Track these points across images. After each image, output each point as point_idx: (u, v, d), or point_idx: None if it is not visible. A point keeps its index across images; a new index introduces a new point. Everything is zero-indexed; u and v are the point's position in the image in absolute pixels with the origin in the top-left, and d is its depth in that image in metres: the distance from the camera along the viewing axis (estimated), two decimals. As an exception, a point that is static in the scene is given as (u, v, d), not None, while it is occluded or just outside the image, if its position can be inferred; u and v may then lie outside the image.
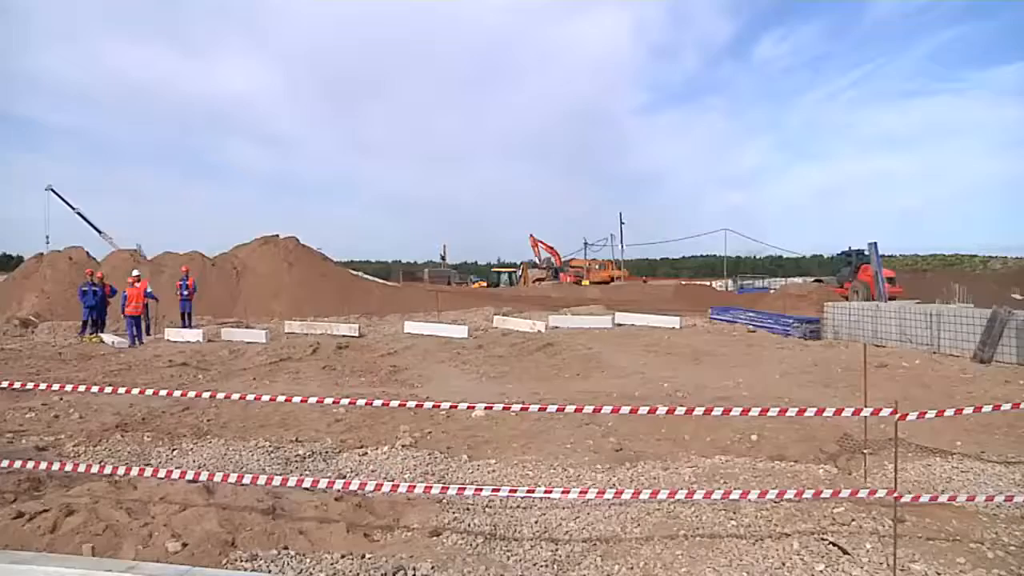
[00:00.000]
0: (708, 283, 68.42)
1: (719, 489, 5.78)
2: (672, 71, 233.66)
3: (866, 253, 30.68)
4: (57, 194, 60.92)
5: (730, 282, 74.05)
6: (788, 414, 5.39)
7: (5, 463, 6.43)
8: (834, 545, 5.17)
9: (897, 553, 4.88)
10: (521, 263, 78.75)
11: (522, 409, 6.08)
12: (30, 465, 6.48)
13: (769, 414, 5.36)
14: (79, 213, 61.05)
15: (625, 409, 5.65)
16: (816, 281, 35.11)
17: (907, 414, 5.20)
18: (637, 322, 22.77)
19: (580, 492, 5.46)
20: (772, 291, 54.51)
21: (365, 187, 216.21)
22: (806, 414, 5.32)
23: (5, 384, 8.95)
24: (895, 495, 5.01)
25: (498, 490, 5.80)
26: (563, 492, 5.52)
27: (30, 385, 7.85)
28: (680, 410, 5.52)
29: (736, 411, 5.39)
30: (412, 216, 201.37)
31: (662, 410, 5.53)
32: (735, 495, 5.33)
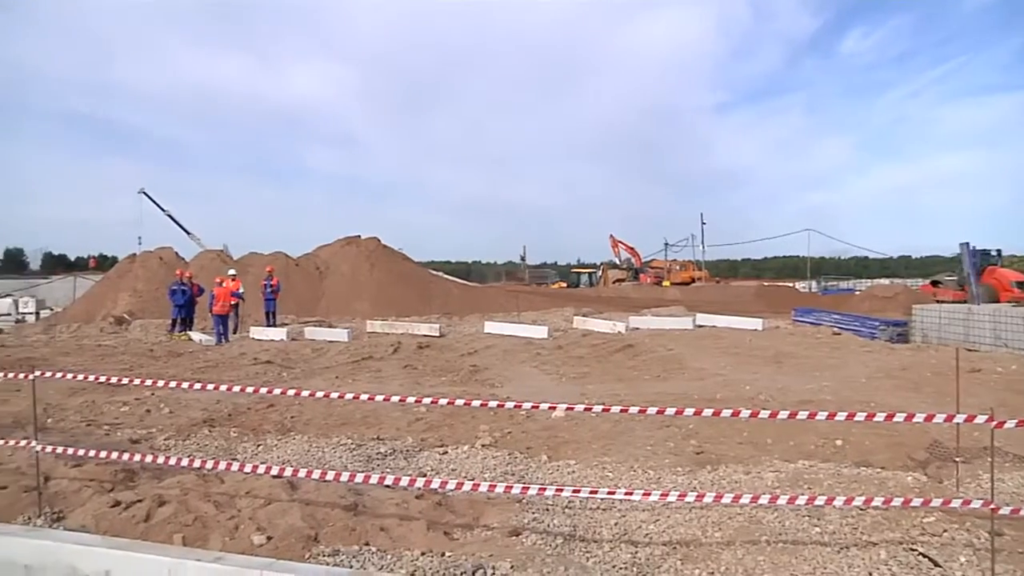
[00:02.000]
0: (791, 284, 66.96)
1: (803, 495, 5.66)
2: (752, 68, 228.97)
3: (992, 254, 29.15)
4: (149, 197, 62.94)
5: (813, 283, 72.48)
6: (875, 419, 5.23)
7: (103, 454, 6.67)
8: (925, 557, 4.99)
9: (996, 569, 4.69)
10: (601, 264, 78.38)
11: (603, 410, 6.03)
12: (125, 457, 6.70)
13: (856, 419, 5.22)
14: (169, 215, 62.98)
15: (707, 411, 5.57)
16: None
17: (1004, 422, 4.99)
18: (718, 323, 22.44)
19: (661, 495, 5.38)
20: (857, 292, 53.22)
21: (442, 188, 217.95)
22: (895, 420, 5.16)
23: (103, 379, 9.31)
24: (992, 506, 4.82)
25: (578, 491, 5.78)
26: (644, 494, 5.45)
27: (124, 380, 8.14)
28: (763, 413, 5.41)
29: (821, 415, 5.25)
30: (490, 217, 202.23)
31: (745, 413, 5.44)
32: (819, 501, 5.20)
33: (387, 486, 6.13)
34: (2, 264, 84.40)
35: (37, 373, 6.77)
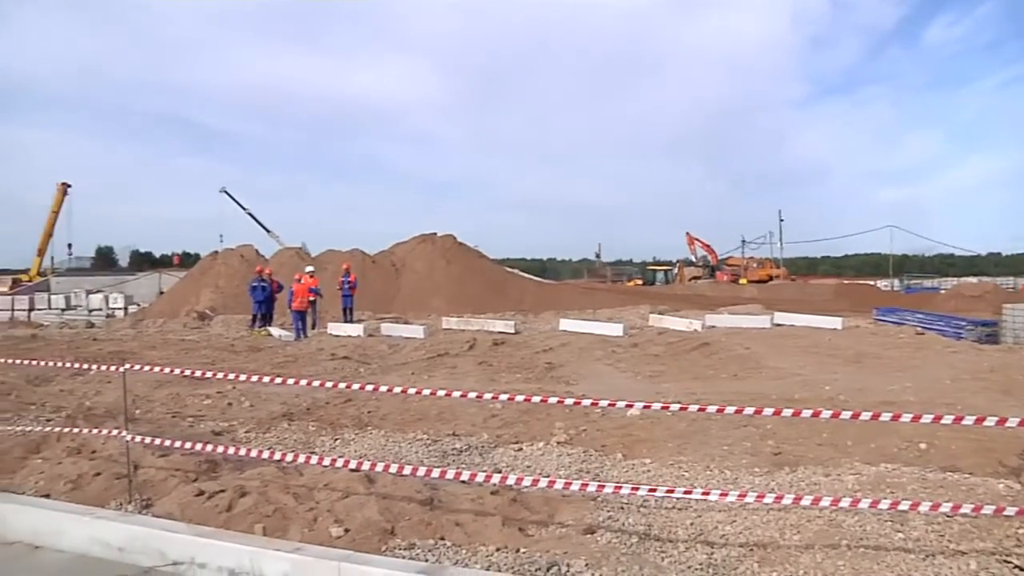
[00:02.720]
0: (872, 282, 65.30)
1: (886, 499, 5.51)
2: (832, 61, 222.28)
3: None
4: (230, 196, 64.61)
5: (896, 281, 70.50)
6: (964, 422, 5.06)
7: (188, 445, 6.87)
8: (1020, 570, 4.80)
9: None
10: (677, 261, 77.71)
11: (680, 409, 5.99)
12: (208, 448, 6.89)
13: (942, 422, 5.06)
14: (249, 213, 64.53)
15: (787, 412, 5.48)
16: None
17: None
18: (796, 322, 21.96)
19: (738, 495, 5.31)
20: (942, 291, 51.65)
21: (517, 186, 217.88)
22: (985, 423, 4.98)
23: (187, 373, 9.56)
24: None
25: (654, 490, 5.73)
26: (721, 495, 5.39)
27: (208, 374, 8.35)
28: (844, 414, 5.29)
29: (905, 417, 5.11)
30: (565, 214, 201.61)
31: (825, 414, 5.32)
32: (904, 506, 5.06)
33: (463, 482, 6.17)
34: (93, 262, 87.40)
35: (127, 366, 7.02)
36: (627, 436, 8.60)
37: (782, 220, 78.71)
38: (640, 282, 70.65)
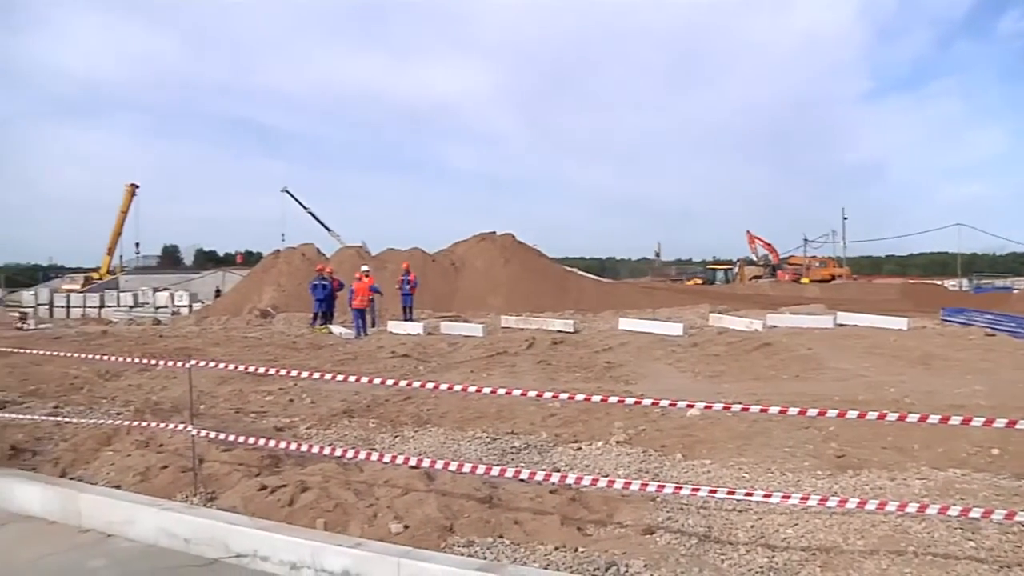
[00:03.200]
0: (939, 282, 63.68)
1: (956, 505, 5.36)
2: (899, 54, 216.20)
3: None
4: (292, 195, 65.72)
5: (965, 281, 68.68)
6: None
7: (251, 440, 6.99)
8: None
9: None
10: (737, 260, 76.91)
11: (742, 409, 5.88)
12: (271, 443, 7.00)
13: (1017, 426, 4.89)
14: (311, 212, 65.59)
15: (851, 413, 5.36)
16: None
17: None
18: (860, 323, 21.54)
19: (800, 498, 5.21)
20: (1015, 291, 50.24)
21: (576, 184, 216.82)
22: (1061, 429, 4.80)
23: (251, 369, 9.76)
24: None
25: (715, 491, 5.64)
26: (783, 497, 5.30)
27: (272, 371, 8.50)
28: (912, 417, 5.17)
29: (977, 421, 4.95)
30: (624, 213, 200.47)
31: (891, 416, 5.21)
32: (975, 513, 4.91)
33: (522, 480, 6.18)
34: (159, 260, 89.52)
35: (192, 362, 7.16)
36: (687, 436, 8.52)
37: (845, 218, 77.20)
38: (700, 281, 70.03)
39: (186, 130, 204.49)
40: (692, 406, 6.77)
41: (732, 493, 5.64)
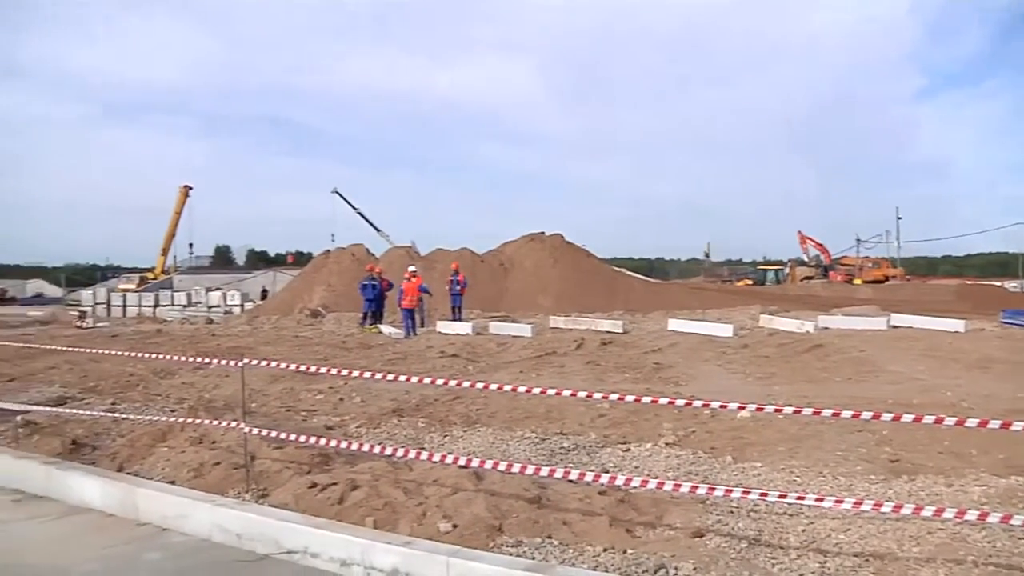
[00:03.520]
0: (998, 283, 62.14)
1: (1018, 514, 5.21)
2: (953, 50, 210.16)
3: None
4: (341, 196, 66.34)
5: (1025, 282, 66.93)
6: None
7: (302, 438, 7.07)
8: None
9: None
10: (788, 260, 75.95)
11: (794, 412, 5.79)
12: (322, 442, 7.07)
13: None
14: (360, 213, 66.14)
15: (906, 417, 5.25)
16: None
17: None
18: (915, 324, 21.13)
19: (854, 503, 5.12)
20: (1080, 293, 48.91)
21: (624, 185, 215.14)
22: None
23: (302, 368, 9.87)
24: None
25: (765, 494, 5.56)
26: (835, 501, 5.21)
27: (322, 370, 8.61)
28: (971, 422, 5.04)
29: (1040, 426, 4.82)
30: (672, 213, 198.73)
31: (949, 420, 5.09)
32: (1039, 522, 4.76)
33: (570, 481, 6.16)
34: (212, 260, 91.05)
35: (245, 361, 7.27)
36: (737, 439, 8.44)
37: (899, 218, 75.90)
38: (750, 282, 69.31)
39: (237, 132, 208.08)
40: (743, 408, 6.66)
41: (783, 497, 5.55)
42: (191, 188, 70.08)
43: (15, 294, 74.60)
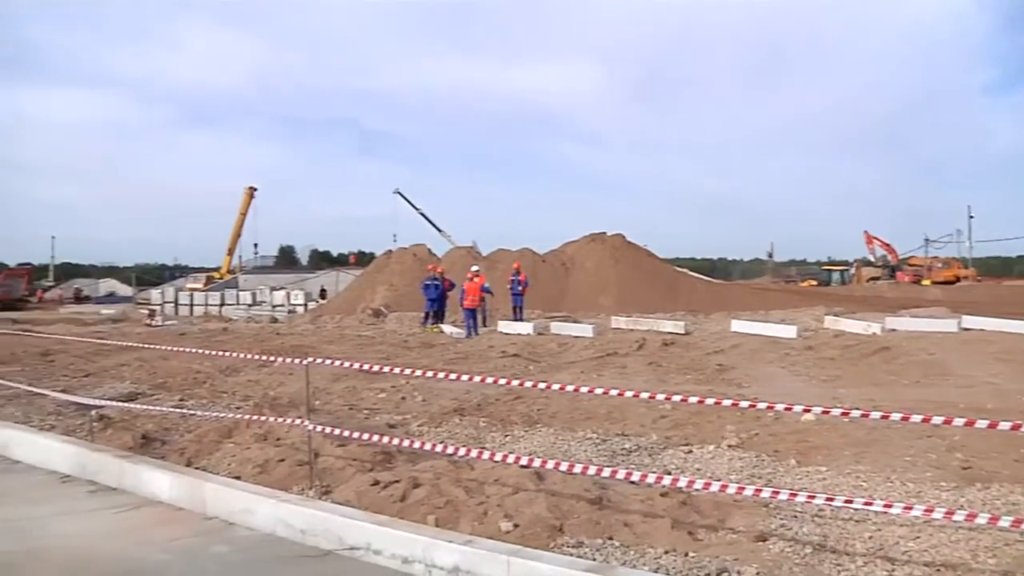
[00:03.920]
0: (1081, 284, 60.04)
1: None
2: None
3: None
4: (403, 196, 66.96)
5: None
6: None
7: (365, 436, 7.15)
8: None
9: None
10: (854, 261, 74.43)
11: (861, 415, 5.67)
12: (384, 440, 7.14)
13: None
14: (422, 213, 66.67)
15: (981, 423, 5.09)
16: None
17: None
18: (988, 326, 20.48)
19: (924, 510, 4.99)
20: None
21: (687, 184, 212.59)
22: None
23: (365, 367, 9.98)
24: None
25: (831, 499, 5.43)
26: (904, 508, 5.08)
27: (384, 369, 8.69)
28: (1049, 428, 4.89)
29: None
30: (735, 213, 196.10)
31: (1026, 426, 4.93)
32: None
33: (632, 482, 6.12)
34: (276, 260, 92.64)
35: (309, 360, 7.37)
36: (801, 442, 8.31)
37: (971, 216, 73.72)
38: (814, 283, 68.09)
39: (301, 134, 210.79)
40: (808, 411, 6.55)
41: (850, 502, 5.42)
42: (256, 189, 71.45)
43: (89, 293, 76.96)
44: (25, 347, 17.91)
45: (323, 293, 55.32)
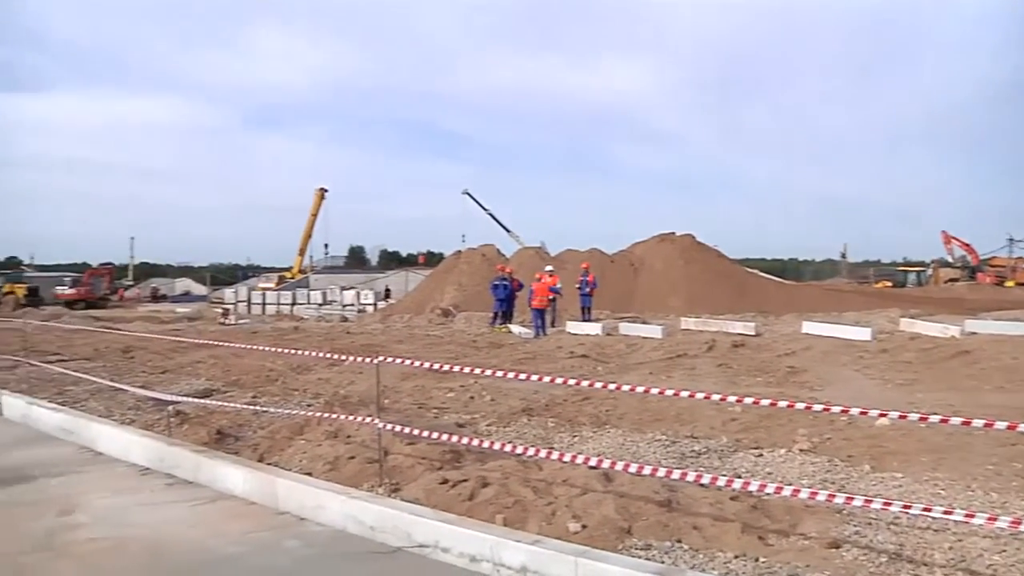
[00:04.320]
0: None
1: None
2: None
3: None
4: (472, 197, 67.32)
5: None
6: None
7: (434, 435, 7.20)
8: None
9: None
10: (931, 261, 72.45)
11: (941, 421, 5.49)
12: (453, 439, 7.18)
13: None
14: (490, 214, 66.97)
15: (1069, 430, 4.91)
16: None
17: None
18: (1078, 330, 19.76)
19: (1011, 521, 4.79)
20: None
21: (758, 184, 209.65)
22: None
23: (436, 367, 10.05)
24: None
25: (908, 507, 5.25)
26: (988, 519, 4.89)
27: (454, 368, 8.75)
28: None
29: None
30: (806, 213, 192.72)
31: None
32: None
33: (702, 485, 6.05)
34: (346, 260, 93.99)
35: (380, 359, 7.45)
36: (876, 447, 8.11)
37: (1060, 214, 71.08)
38: (889, 284, 66.45)
39: (371, 135, 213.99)
40: (884, 415, 6.36)
41: (928, 510, 5.21)
42: (327, 190, 72.41)
43: (166, 292, 79.21)
44: (107, 344, 18.56)
45: (387, 293, 55.90)
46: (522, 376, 7.08)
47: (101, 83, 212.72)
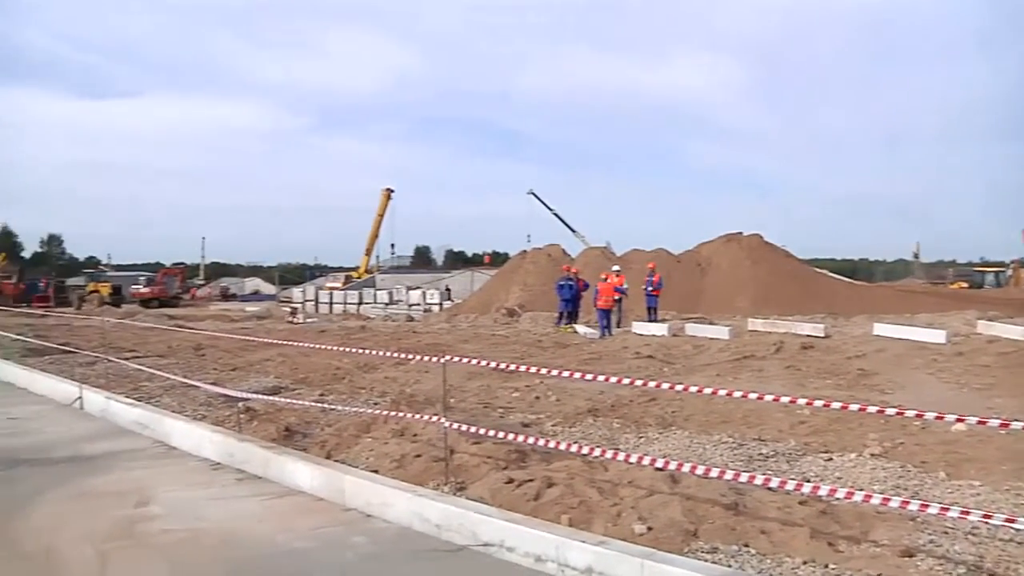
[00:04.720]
0: None
1: None
2: None
3: None
4: (537, 197, 67.48)
5: None
6: None
7: (500, 434, 7.24)
8: None
9: None
10: (1011, 261, 70.21)
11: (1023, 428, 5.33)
12: (519, 439, 7.20)
13: None
14: (556, 214, 67.04)
15: None
16: None
17: None
18: None
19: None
20: None
21: (827, 183, 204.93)
22: None
23: (502, 366, 10.09)
24: None
25: (989, 516, 5.09)
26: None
27: (522, 368, 8.77)
28: None
29: None
30: (878, 212, 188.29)
31: None
32: None
33: (769, 488, 5.97)
34: (412, 260, 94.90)
35: (447, 358, 7.51)
36: (951, 453, 7.90)
37: None
38: (964, 285, 64.61)
39: (437, 135, 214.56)
40: (961, 420, 6.19)
41: (1012, 521, 5.03)
42: (393, 191, 73.21)
43: (236, 291, 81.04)
44: (179, 341, 19.03)
45: (448, 292, 56.26)
46: (588, 376, 7.08)
47: (173, 88, 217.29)
